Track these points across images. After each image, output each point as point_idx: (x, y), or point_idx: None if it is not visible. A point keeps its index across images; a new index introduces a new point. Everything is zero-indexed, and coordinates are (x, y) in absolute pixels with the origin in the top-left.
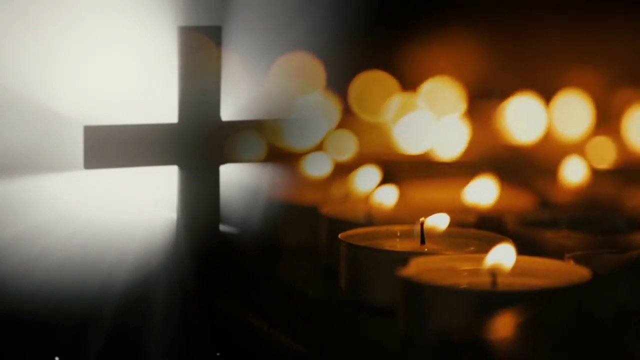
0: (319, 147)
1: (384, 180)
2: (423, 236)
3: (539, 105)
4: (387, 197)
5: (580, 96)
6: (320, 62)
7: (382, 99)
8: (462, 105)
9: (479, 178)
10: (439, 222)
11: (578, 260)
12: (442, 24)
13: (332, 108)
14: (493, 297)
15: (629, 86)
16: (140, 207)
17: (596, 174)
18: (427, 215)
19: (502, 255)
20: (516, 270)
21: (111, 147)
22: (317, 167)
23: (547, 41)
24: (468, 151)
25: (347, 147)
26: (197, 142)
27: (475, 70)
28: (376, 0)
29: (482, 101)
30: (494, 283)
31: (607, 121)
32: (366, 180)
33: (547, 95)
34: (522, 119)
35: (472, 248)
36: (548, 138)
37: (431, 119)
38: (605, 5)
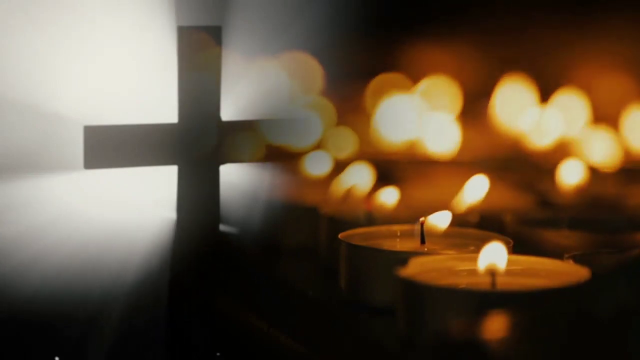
0: (319, 146)
1: (384, 180)
2: (423, 236)
3: (537, 103)
4: (388, 197)
5: (578, 95)
6: (319, 61)
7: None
8: (458, 104)
9: (478, 177)
10: (441, 219)
11: (577, 260)
12: (442, 24)
13: (330, 107)
14: (492, 297)
15: (628, 84)
16: (140, 207)
17: (596, 173)
18: (427, 215)
19: (494, 254)
20: (516, 270)
21: (111, 147)
22: (317, 167)
23: (545, 40)
24: (467, 150)
25: (346, 145)
26: (197, 142)
27: (474, 70)
28: (376, 1)
29: (480, 101)
30: (494, 283)
31: (606, 120)
32: (366, 176)
33: (545, 93)
34: (520, 117)
35: (472, 248)
36: (547, 137)
37: (415, 108)
38: (603, 3)
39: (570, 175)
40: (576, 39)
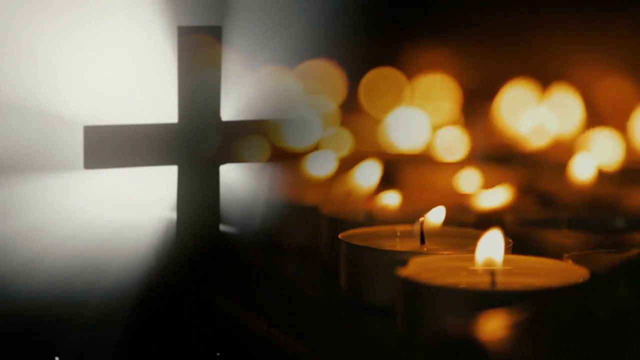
0: (320, 146)
1: (384, 179)
2: (423, 236)
3: (538, 103)
4: (388, 197)
5: (579, 93)
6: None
7: (391, 95)
8: (456, 104)
9: (479, 177)
10: (436, 216)
11: (577, 260)
12: (441, 24)
13: (331, 106)
14: (492, 297)
15: (631, 84)
16: (140, 207)
17: (599, 172)
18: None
19: (491, 246)
20: (515, 270)
21: (111, 147)
22: (318, 166)
23: (547, 40)
24: (466, 150)
25: (347, 145)
26: (197, 142)
27: (474, 70)
28: (376, 1)
29: (480, 100)
30: (493, 283)
31: (608, 118)
32: (367, 176)
33: (544, 93)
34: (521, 116)
35: (471, 248)
36: (548, 136)
37: (423, 117)
38: (605, 3)
39: (578, 173)
40: (575, 38)
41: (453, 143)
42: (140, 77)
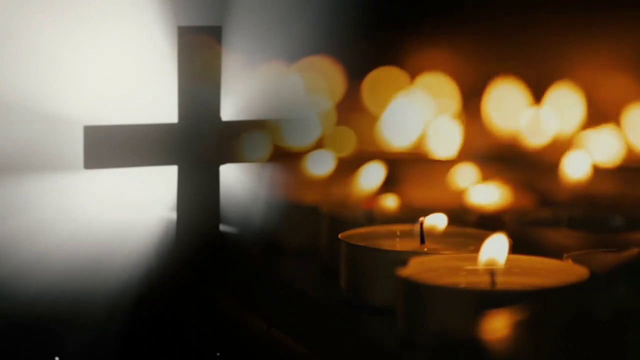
0: (320, 146)
1: (385, 179)
2: (423, 236)
3: (534, 101)
4: (388, 196)
5: (576, 92)
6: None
7: (392, 94)
8: (455, 102)
9: (478, 175)
10: (437, 222)
11: (576, 260)
12: (441, 22)
13: (330, 106)
14: (492, 296)
15: (628, 82)
16: (140, 207)
17: (596, 171)
18: (427, 214)
19: (496, 248)
20: (515, 270)
21: (111, 147)
22: (319, 166)
23: (543, 39)
24: (465, 149)
25: (347, 144)
26: (197, 142)
27: (472, 68)
28: (375, 0)
29: (479, 99)
30: (493, 283)
31: (607, 117)
32: (371, 177)
33: (542, 91)
34: (520, 115)
35: (471, 247)
36: (547, 135)
37: (420, 111)
38: (602, 1)
39: (573, 170)
40: (574, 37)
41: (448, 136)
42: (140, 77)
